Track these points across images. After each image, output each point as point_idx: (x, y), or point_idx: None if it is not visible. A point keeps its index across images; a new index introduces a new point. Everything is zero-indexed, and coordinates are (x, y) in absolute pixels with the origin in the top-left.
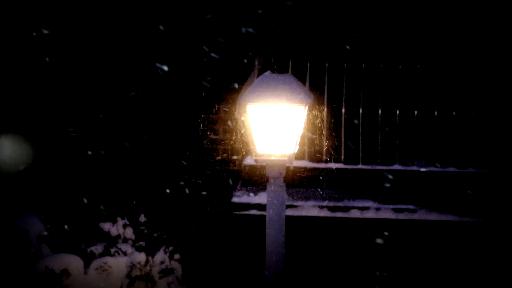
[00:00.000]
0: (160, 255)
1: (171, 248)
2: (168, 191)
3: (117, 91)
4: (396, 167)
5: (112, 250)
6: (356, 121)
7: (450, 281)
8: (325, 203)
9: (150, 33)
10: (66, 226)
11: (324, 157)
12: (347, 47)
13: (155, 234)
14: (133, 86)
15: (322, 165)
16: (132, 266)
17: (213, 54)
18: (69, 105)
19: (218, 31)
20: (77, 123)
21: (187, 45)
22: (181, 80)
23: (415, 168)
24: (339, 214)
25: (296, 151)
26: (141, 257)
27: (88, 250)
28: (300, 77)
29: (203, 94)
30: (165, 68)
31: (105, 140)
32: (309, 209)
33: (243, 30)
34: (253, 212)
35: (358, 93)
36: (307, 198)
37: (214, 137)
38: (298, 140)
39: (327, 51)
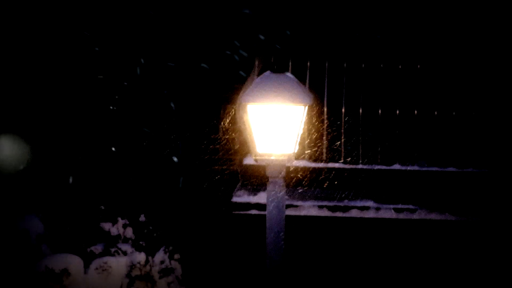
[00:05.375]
0: (160, 255)
1: (171, 248)
2: (168, 191)
3: (116, 92)
4: (396, 167)
5: (112, 250)
6: (355, 121)
7: (450, 281)
8: (325, 203)
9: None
10: (66, 226)
11: (324, 157)
12: (347, 47)
13: (155, 234)
14: (133, 86)
15: (322, 165)
16: (132, 266)
17: (212, 54)
18: (69, 105)
19: (218, 31)
20: (77, 124)
21: (186, 45)
22: (181, 81)
23: (415, 168)
24: (339, 214)
25: (296, 151)
26: (141, 257)
27: (88, 250)
28: (300, 77)
29: (202, 95)
30: (163, 67)
31: (105, 141)
32: (309, 209)
33: (244, 30)
34: (253, 212)
35: (358, 93)
36: (307, 198)
37: (214, 136)
38: (298, 140)
39: (327, 51)
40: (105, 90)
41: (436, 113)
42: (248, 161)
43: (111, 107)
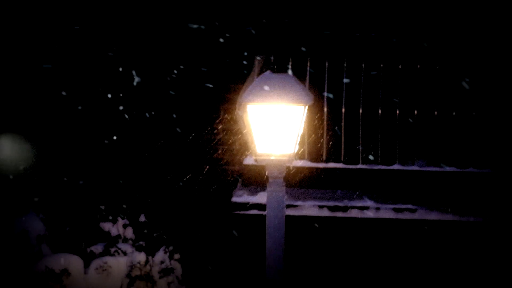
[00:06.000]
0: (160, 255)
1: (171, 248)
2: (168, 191)
3: (115, 92)
4: (396, 167)
5: (112, 250)
6: (355, 121)
7: (450, 281)
8: (325, 203)
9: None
10: (66, 226)
11: (324, 157)
12: (347, 46)
13: (155, 234)
14: (132, 86)
15: (322, 165)
16: (132, 266)
17: (213, 54)
18: (69, 105)
19: (217, 31)
20: (77, 123)
21: (186, 46)
22: (181, 80)
23: (415, 168)
24: (339, 214)
25: (296, 151)
26: (141, 257)
27: (88, 250)
28: (300, 77)
29: (203, 95)
30: (163, 66)
31: (105, 140)
32: (309, 209)
33: (243, 30)
34: (253, 212)
35: (358, 92)
36: (307, 198)
37: (214, 137)
38: (298, 140)
39: (327, 51)
40: (105, 91)
41: (436, 113)
42: (248, 161)
43: (111, 110)
